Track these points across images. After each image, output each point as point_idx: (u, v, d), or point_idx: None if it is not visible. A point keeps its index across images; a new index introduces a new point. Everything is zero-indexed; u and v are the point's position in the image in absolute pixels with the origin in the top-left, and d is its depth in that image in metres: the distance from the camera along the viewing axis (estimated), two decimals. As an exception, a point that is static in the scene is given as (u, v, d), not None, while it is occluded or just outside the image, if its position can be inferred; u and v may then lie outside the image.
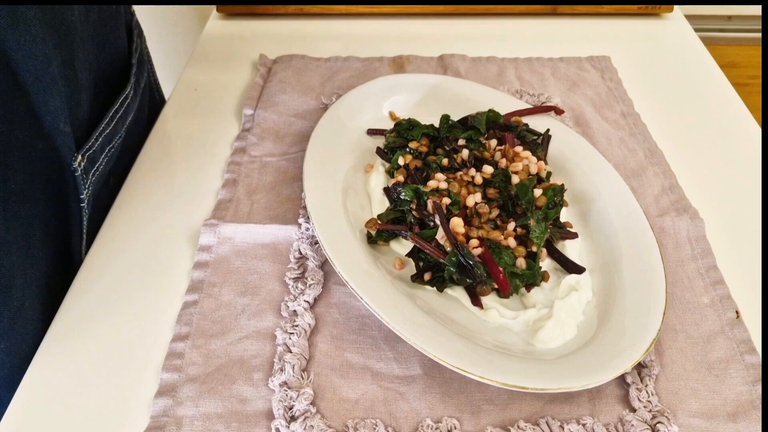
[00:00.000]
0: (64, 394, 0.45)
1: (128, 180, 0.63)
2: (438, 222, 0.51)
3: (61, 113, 0.49)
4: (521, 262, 0.49)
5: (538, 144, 0.60)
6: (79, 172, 0.53)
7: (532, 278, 0.49)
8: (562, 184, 0.55)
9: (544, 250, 0.51)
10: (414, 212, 0.52)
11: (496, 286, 0.49)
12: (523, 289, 0.50)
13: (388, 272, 0.51)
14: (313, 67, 0.77)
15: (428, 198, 0.52)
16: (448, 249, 0.49)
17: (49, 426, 0.43)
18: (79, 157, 0.53)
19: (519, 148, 0.57)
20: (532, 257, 0.50)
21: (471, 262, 0.48)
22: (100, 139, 0.56)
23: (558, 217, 0.54)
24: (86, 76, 0.54)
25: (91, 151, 0.55)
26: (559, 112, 0.63)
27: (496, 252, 0.49)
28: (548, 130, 0.62)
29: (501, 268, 0.48)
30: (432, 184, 0.53)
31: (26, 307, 0.49)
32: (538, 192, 0.53)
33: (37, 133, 0.48)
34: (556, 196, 0.54)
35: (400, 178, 0.56)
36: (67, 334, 0.49)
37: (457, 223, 0.50)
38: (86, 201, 0.55)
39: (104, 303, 0.51)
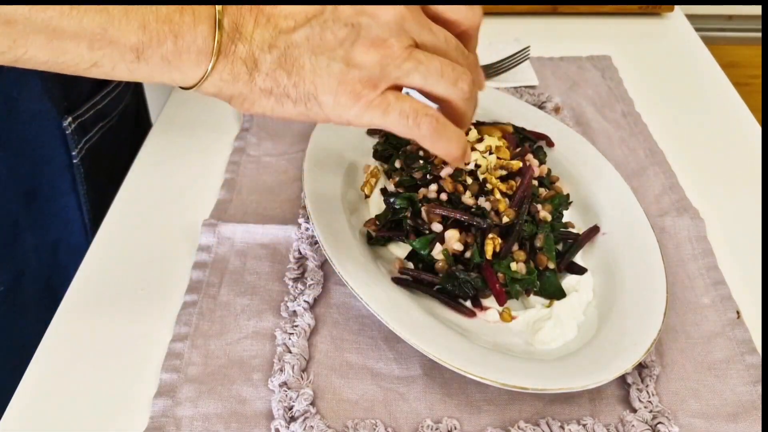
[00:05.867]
0: (63, 394, 0.45)
1: (128, 179, 0.63)
2: (434, 229, 0.50)
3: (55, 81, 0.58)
4: (521, 267, 0.49)
5: (539, 147, 0.60)
6: (70, 131, 0.61)
7: (532, 284, 0.49)
8: (568, 195, 0.55)
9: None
10: (409, 220, 0.52)
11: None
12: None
13: (388, 272, 0.50)
14: (312, 66, 0.77)
15: (422, 206, 0.51)
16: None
17: (48, 425, 0.43)
18: (70, 118, 0.60)
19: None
20: (550, 272, 0.50)
21: (467, 281, 0.48)
22: (92, 111, 0.63)
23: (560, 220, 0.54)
24: None
25: (82, 119, 0.62)
26: (550, 144, 0.62)
27: (495, 257, 0.49)
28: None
29: (497, 281, 0.48)
30: (423, 191, 0.52)
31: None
32: (544, 212, 0.52)
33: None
34: (561, 206, 0.54)
35: (392, 186, 0.55)
36: (67, 333, 0.49)
37: (452, 236, 0.49)
38: (79, 158, 0.63)
39: (103, 303, 0.51)
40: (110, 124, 0.67)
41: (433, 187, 0.52)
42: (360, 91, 0.37)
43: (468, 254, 0.49)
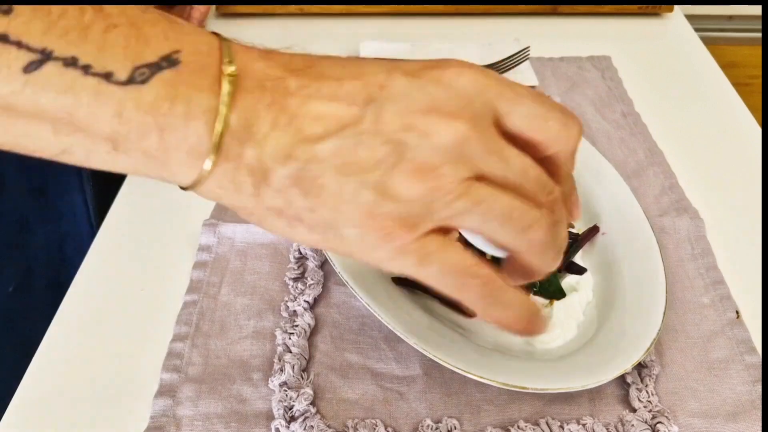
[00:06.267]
0: (63, 394, 0.45)
1: (128, 180, 0.63)
2: None
3: None
4: None
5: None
6: None
7: (532, 283, 0.49)
8: None
9: None
10: None
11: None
12: (522, 290, 0.50)
13: (388, 272, 0.50)
14: (313, 66, 0.77)
15: None
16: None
17: (48, 425, 0.43)
18: None
19: None
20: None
21: None
22: None
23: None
24: None
25: None
26: None
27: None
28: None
29: None
30: None
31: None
32: None
33: None
34: None
35: None
36: (67, 333, 0.49)
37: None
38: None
39: (104, 303, 0.51)
40: None
41: None
42: (392, 231, 0.29)
43: (468, 254, 0.49)
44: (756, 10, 1.13)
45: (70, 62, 0.26)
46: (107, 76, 0.26)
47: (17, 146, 0.29)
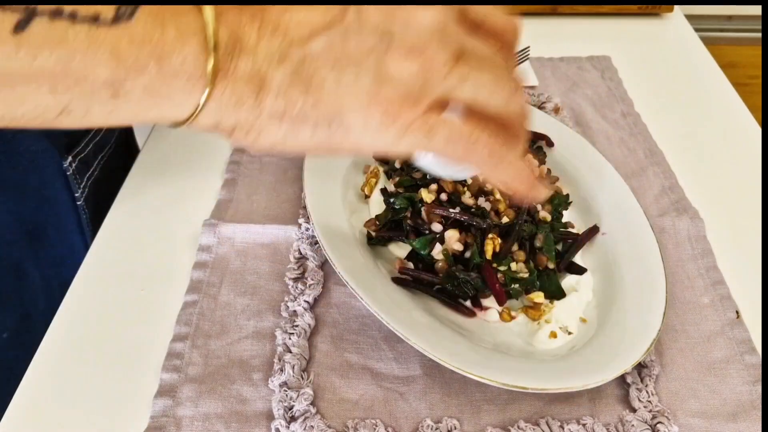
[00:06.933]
0: (63, 394, 0.45)
1: (128, 180, 0.63)
2: (434, 229, 0.50)
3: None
4: (521, 267, 0.49)
5: (539, 147, 0.60)
6: (71, 171, 0.57)
7: (532, 284, 0.49)
8: (567, 195, 0.55)
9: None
10: (409, 220, 0.52)
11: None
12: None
13: (388, 272, 0.51)
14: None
15: (422, 206, 0.51)
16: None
17: (48, 426, 0.43)
18: (70, 158, 0.57)
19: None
20: (548, 272, 0.50)
21: (467, 281, 0.48)
22: (91, 145, 0.61)
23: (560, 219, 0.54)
24: None
25: (83, 155, 0.59)
26: (550, 144, 0.61)
27: (495, 257, 0.49)
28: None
29: (497, 281, 0.48)
30: (423, 193, 0.52)
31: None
32: (543, 212, 0.52)
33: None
34: (561, 206, 0.54)
35: (392, 186, 0.55)
36: (67, 334, 0.49)
37: (452, 236, 0.49)
38: (82, 198, 0.59)
39: (104, 303, 0.51)
40: (109, 153, 0.66)
41: (433, 187, 0.52)
42: (397, 109, 0.31)
43: (468, 254, 0.49)
44: (756, 10, 1.13)
45: (56, 13, 0.26)
46: (95, 20, 0.27)
47: (13, 117, 0.29)
